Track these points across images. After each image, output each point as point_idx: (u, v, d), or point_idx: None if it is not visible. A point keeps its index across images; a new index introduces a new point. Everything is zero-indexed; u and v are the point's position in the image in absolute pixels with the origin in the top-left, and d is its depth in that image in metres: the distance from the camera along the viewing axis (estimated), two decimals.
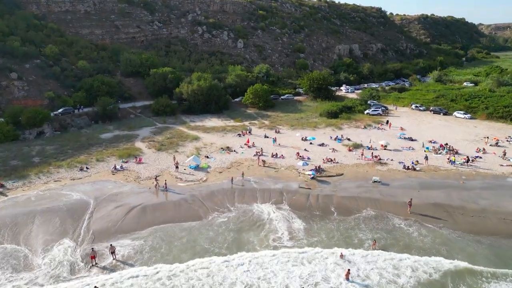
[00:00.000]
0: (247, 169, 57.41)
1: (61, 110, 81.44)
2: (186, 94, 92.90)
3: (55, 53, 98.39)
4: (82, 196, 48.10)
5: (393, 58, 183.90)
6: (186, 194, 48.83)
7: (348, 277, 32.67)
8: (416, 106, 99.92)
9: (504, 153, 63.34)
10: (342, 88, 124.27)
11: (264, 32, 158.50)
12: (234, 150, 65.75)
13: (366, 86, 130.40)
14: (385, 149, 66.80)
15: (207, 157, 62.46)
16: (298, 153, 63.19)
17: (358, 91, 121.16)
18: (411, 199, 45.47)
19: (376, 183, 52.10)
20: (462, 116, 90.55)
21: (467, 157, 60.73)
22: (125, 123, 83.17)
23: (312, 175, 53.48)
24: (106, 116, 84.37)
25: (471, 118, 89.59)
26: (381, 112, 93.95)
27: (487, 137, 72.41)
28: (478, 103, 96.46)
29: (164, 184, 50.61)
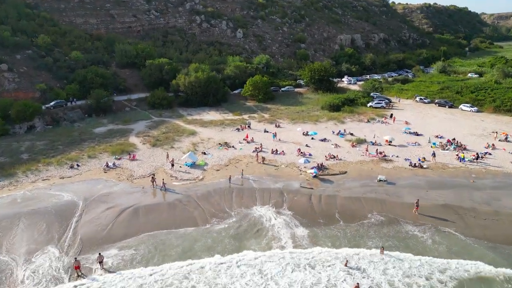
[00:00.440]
0: (246, 166, 54.70)
1: (53, 103, 78.39)
2: (183, 86, 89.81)
3: (48, 43, 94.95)
4: (70, 196, 45.39)
5: (395, 48, 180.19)
6: (181, 195, 46.13)
7: None
8: (420, 99, 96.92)
9: None
10: (344, 79, 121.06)
11: (264, 21, 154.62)
12: (233, 146, 62.96)
13: (368, 77, 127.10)
14: (390, 144, 64.05)
15: (204, 153, 59.71)
16: (299, 149, 60.42)
17: (360, 83, 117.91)
18: (418, 200, 42.83)
19: (381, 182, 49.44)
20: (469, 109, 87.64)
21: (477, 153, 57.98)
22: (119, 117, 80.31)
23: (314, 174, 50.79)
24: (100, 109, 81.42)
25: (478, 111, 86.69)
26: (384, 105, 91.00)
27: (496, 131, 69.59)
28: (485, 96, 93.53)
29: (162, 183, 48.00)
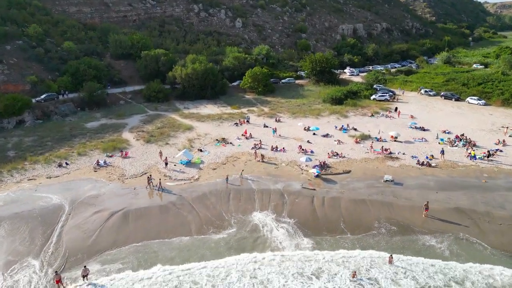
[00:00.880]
0: (244, 165, 51.75)
1: (43, 96, 75.08)
2: (179, 78, 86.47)
3: (39, 33, 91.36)
4: (57, 198, 42.52)
5: (398, 38, 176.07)
6: (175, 197, 43.25)
7: None
8: (425, 91, 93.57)
9: None
10: (346, 70, 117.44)
11: (264, 10, 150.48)
12: (231, 142, 59.98)
13: (371, 68, 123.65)
14: (395, 140, 61.03)
15: (201, 150, 56.75)
16: (300, 146, 57.42)
17: (362, 74, 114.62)
18: (428, 202, 39.93)
19: (388, 183, 46.52)
20: (476, 102, 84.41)
21: (488, 151, 54.99)
22: (113, 110, 77.20)
23: (316, 174, 47.86)
24: (93, 102, 78.21)
25: (486, 105, 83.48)
26: (388, 97, 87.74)
27: (507, 126, 66.53)
28: (492, 88, 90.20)
29: (158, 183, 45.15)
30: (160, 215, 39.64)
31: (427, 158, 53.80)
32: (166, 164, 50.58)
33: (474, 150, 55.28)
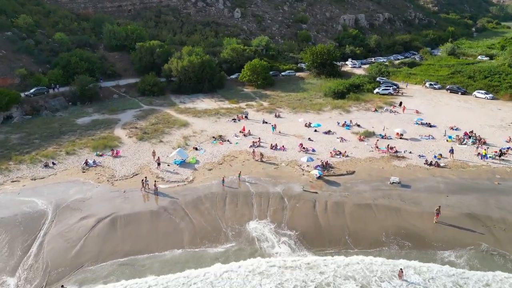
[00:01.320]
0: (242, 165, 48.89)
1: (33, 90, 71.79)
2: (175, 71, 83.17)
3: (29, 24, 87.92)
4: (41, 202, 39.67)
5: (401, 29, 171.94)
6: (167, 200, 40.41)
7: None
8: (430, 84, 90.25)
9: None
10: (347, 62, 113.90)
11: (263, 0, 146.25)
12: (228, 140, 56.99)
13: (373, 60, 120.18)
14: (401, 138, 58.10)
15: (196, 148, 53.80)
16: (301, 144, 54.47)
17: (365, 66, 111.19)
18: (439, 207, 37.12)
19: (394, 185, 43.68)
20: (483, 96, 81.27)
21: (500, 150, 52.09)
22: (106, 105, 74.02)
23: (318, 175, 44.98)
24: (85, 96, 75.00)
25: (493, 99, 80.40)
26: (392, 91, 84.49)
27: None
28: (500, 81, 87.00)
29: (154, 186, 42.29)
30: (150, 222, 36.84)
31: (435, 157, 50.94)
32: (159, 164, 47.65)
33: (485, 149, 52.31)
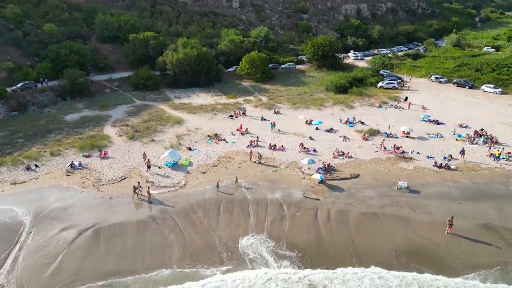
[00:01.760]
0: (238, 167, 45.63)
1: (20, 85, 68.15)
2: (170, 64, 79.52)
3: (17, 14, 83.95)
4: (20, 211, 36.50)
5: (404, 19, 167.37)
6: (156, 209, 37.21)
7: None
8: (436, 78, 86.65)
9: None
10: (349, 54, 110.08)
11: None
12: (224, 139, 53.65)
13: (376, 51, 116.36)
14: (407, 136, 54.78)
15: (190, 149, 50.51)
16: (301, 143, 51.15)
17: (367, 58, 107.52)
18: (452, 218, 33.93)
19: (402, 190, 40.48)
20: (492, 90, 77.74)
21: None
22: (98, 100, 70.47)
23: (320, 179, 41.73)
24: (75, 91, 71.44)
25: (502, 93, 76.93)
26: (396, 85, 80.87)
27: None
28: (509, 74, 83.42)
29: (147, 193, 38.97)
30: (137, 234, 33.66)
31: (445, 158, 47.70)
32: (149, 167, 44.35)
33: (498, 150, 48.97)
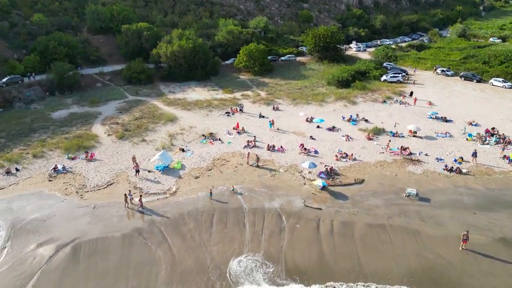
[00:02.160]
0: (234, 171, 42.49)
1: (6, 79, 64.69)
2: (164, 57, 75.92)
3: (4, 4, 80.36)
4: None
5: (407, 8, 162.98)
6: (142, 221, 34.13)
7: None
8: (442, 70, 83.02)
9: None
10: (351, 45, 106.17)
11: None
12: (219, 139, 50.42)
13: (379, 42, 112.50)
14: (414, 136, 51.55)
15: (183, 150, 47.30)
16: (302, 144, 47.93)
17: (370, 50, 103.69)
18: (468, 232, 30.85)
19: (411, 198, 37.40)
20: (501, 84, 74.18)
21: None
22: (88, 95, 67.22)
23: (322, 186, 38.59)
24: (64, 85, 67.96)
25: None
26: (401, 78, 77.32)
27: None
28: None
29: (139, 201, 35.76)
30: (121, 250, 30.61)
31: (456, 161, 44.51)
32: (137, 171, 41.16)
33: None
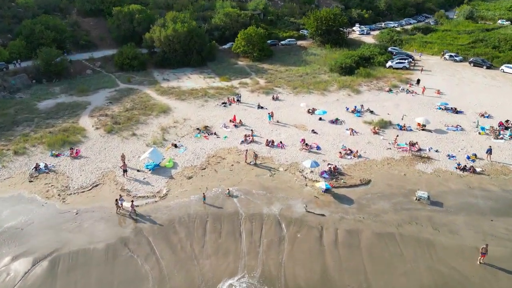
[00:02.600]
0: (230, 170, 39.38)
1: None
2: (158, 41, 71.98)
3: None
4: None
5: None
6: (128, 229, 31.17)
7: None
8: (450, 56, 79.07)
9: None
10: (355, 28, 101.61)
11: None
12: (215, 133, 47.17)
13: (383, 25, 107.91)
14: (423, 129, 48.29)
15: (175, 145, 44.10)
16: (303, 139, 44.69)
17: (374, 33, 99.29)
18: (487, 245, 27.84)
19: (422, 202, 34.39)
20: None
21: None
22: (78, 83, 63.87)
23: (325, 188, 35.53)
24: (51, 73, 64.32)
25: None
26: (407, 64, 73.46)
27: None
28: None
29: (131, 206, 32.54)
30: (104, 264, 27.68)
31: (469, 158, 41.38)
32: (125, 171, 38.03)
33: None
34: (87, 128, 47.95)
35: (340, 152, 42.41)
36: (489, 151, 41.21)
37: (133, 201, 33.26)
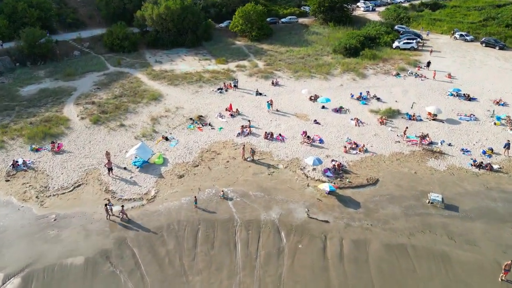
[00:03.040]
0: (225, 167, 36.13)
1: None
2: (150, 20, 67.50)
3: None
4: None
5: None
6: (111, 240, 28.08)
7: None
8: (461, 35, 74.58)
9: None
10: (359, 4, 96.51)
11: None
12: (209, 124, 43.67)
13: (389, 0, 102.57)
14: (434, 119, 44.78)
15: (166, 138, 40.69)
16: (305, 132, 41.23)
17: (379, 9, 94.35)
18: (511, 262, 24.81)
19: (435, 205, 31.26)
20: None
21: None
22: (64, 65, 60.02)
23: (329, 190, 32.32)
24: (36, 55, 60.25)
25: None
26: (415, 45, 69.17)
27: None
28: None
29: (121, 211, 29.56)
30: (82, 282, 24.80)
31: (485, 153, 38.07)
32: (110, 170, 34.74)
33: None
34: (72, 118, 44.41)
35: (344, 146, 39.04)
36: (507, 146, 37.81)
37: (123, 205, 30.10)
